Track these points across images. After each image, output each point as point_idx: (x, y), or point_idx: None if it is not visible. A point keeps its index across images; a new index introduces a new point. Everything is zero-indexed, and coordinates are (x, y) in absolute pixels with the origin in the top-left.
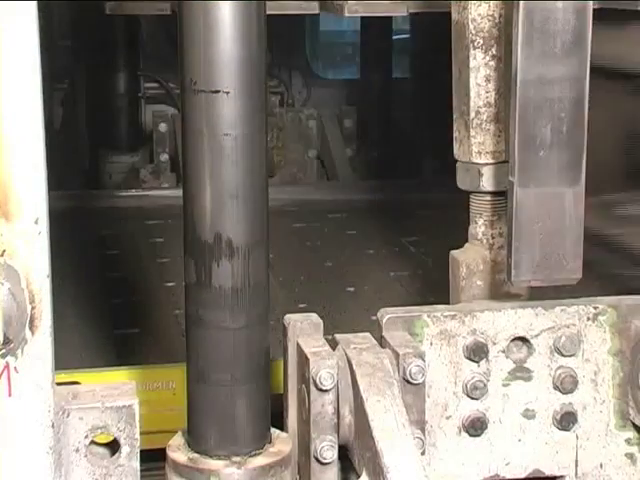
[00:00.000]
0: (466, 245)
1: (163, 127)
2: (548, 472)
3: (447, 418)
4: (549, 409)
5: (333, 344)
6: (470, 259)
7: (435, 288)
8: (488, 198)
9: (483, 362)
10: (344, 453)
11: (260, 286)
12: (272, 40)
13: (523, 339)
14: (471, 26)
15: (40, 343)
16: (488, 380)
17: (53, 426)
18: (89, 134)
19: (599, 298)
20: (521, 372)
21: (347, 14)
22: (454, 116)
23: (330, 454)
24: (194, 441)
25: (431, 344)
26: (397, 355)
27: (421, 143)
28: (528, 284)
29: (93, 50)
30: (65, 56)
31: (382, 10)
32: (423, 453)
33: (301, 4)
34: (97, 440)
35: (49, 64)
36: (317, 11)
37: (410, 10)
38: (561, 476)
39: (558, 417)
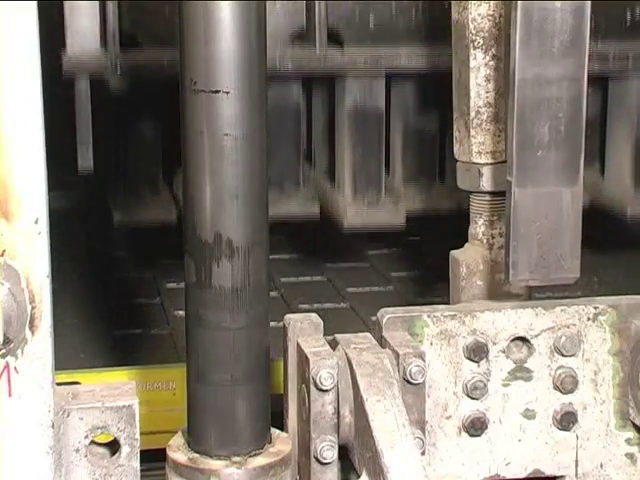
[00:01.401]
0: (466, 245)
1: None
2: (548, 472)
3: (447, 418)
4: (549, 409)
5: (333, 344)
6: (470, 259)
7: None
8: (488, 198)
9: (483, 362)
10: (344, 453)
11: (260, 286)
12: None
13: (523, 339)
14: (471, 26)
15: (40, 343)
16: (488, 380)
17: (53, 426)
18: None
19: (599, 298)
20: (521, 372)
21: None
22: (454, 116)
23: (330, 454)
24: (194, 441)
25: (431, 344)
26: (397, 355)
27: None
28: (526, 284)
29: None
30: None
31: None
32: (423, 453)
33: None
34: (97, 440)
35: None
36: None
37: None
38: (561, 476)
39: (558, 417)
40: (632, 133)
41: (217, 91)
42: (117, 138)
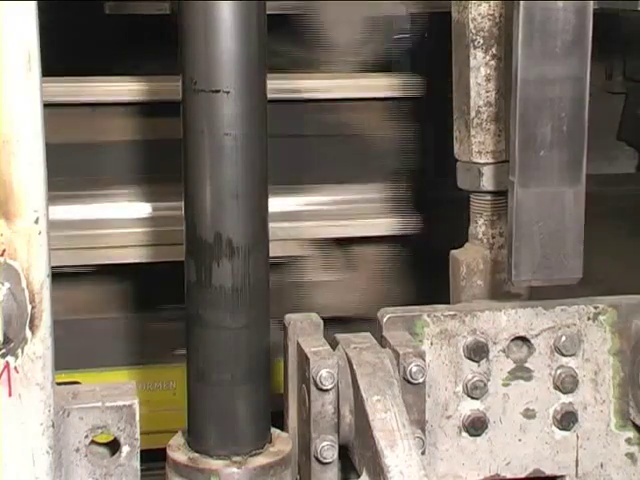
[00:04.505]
0: (466, 245)
1: None
2: (548, 472)
3: (447, 418)
4: (549, 409)
5: (333, 344)
6: (470, 259)
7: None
8: (488, 198)
9: (483, 362)
10: (344, 453)
11: (260, 286)
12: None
13: (523, 339)
14: (471, 25)
15: (40, 343)
16: (488, 380)
17: (53, 426)
18: None
19: (599, 298)
20: (521, 372)
21: None
22: (454, 115)
23: (330, 454)
24: (194, 441)
25: (431, 344)
26: (397, 355)
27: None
28: (528, 284)
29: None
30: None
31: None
32: (423, 453)
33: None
34: (97, 440)
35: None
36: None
37: (409, 10)
38: (561, 476)
39: (558, 417)
40: None
41: (217, 91)
42: None
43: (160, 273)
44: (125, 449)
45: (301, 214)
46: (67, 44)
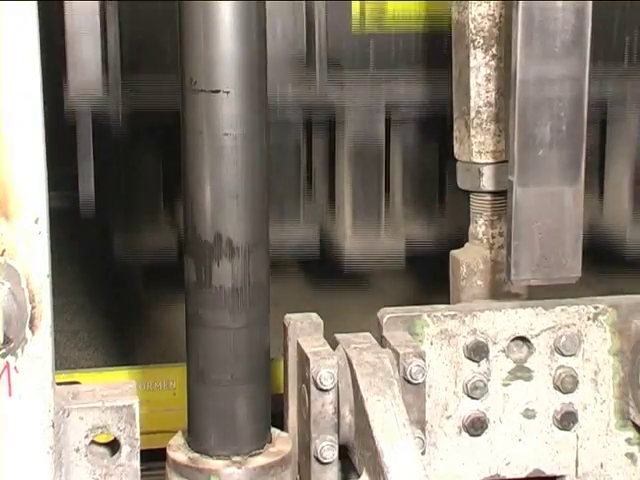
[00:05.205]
0: (466, 245)
1: None
2: (548, 472)
3: (447, 418)
4: (549, 409)
5: (333, 344)
6: (470, 259)
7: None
8: (488, 198)
9: (483, 362)
10: (344, 453)
11: (260, 286)
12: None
13: (523, 339)
14: (471, 26)
15: (40, 343)
16: (488, 380)
17: (53, 426)
18: None
19: (599, 298)
20: (521, 372)
21: None
22: (454, 115)
23: (330, 454)
24: (194, 441)
25: (431, 344)
26: (397, 355)
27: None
28: (527, 283)
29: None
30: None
31: None
32: (423, 453)
33: None
34: (97, 440)
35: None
36: None
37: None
38: (561, 476)
39: (558, 417)
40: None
41: (217, 91)
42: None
43: None
44: (125, 449)
45: None
46: None
